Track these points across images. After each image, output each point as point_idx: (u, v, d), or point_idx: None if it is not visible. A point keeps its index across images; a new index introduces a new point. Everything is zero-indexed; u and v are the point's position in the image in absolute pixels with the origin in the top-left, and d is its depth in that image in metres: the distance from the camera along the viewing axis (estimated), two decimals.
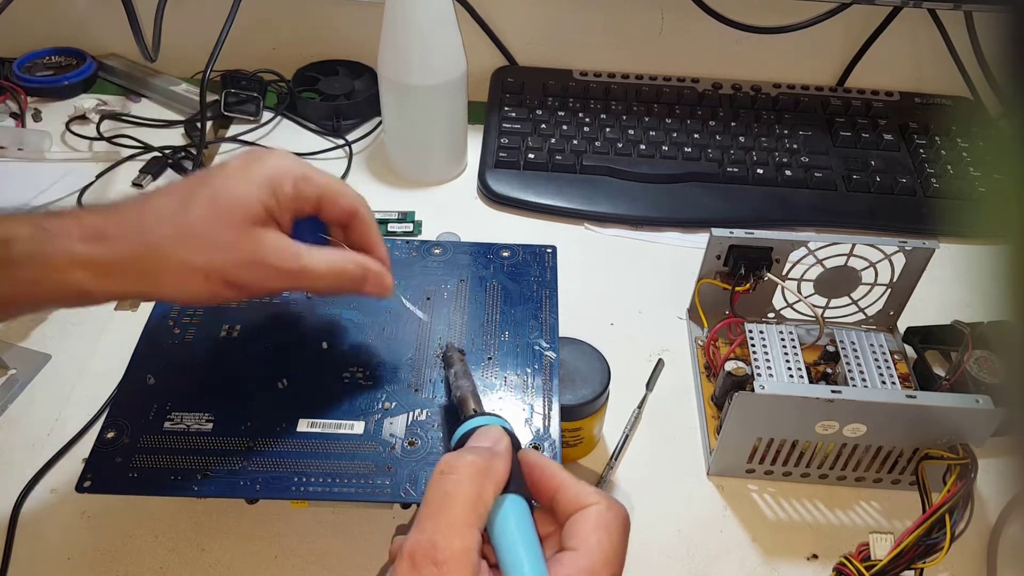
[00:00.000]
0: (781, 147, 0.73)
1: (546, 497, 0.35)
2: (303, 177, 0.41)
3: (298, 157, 0.43)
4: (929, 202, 0.70)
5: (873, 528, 0.50)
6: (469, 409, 0.40)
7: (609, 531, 0.33)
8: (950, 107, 0.79)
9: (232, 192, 0.39)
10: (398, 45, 0.65)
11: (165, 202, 0.39)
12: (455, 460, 0.33)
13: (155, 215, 0.39)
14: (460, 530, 0.31)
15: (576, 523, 0.33)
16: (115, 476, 0.42)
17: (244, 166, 0.41)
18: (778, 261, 0.56)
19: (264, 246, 0.39)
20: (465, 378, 0.42)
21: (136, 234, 0.38)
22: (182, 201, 0.39)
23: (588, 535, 0.33)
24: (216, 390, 0.46)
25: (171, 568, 0.46)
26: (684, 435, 0.54)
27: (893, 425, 0.47)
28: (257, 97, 0.77)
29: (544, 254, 0.54)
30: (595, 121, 0.75)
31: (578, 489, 0.34)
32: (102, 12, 0.81)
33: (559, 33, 0.82)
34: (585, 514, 0.33)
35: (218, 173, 0.40)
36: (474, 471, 0.33)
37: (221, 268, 0.39)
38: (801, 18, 0.79)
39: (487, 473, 0.33)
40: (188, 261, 0.38)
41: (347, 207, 0.43)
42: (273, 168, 0.41)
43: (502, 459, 0.34)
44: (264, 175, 0.40)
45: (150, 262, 0.38)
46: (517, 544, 0.32)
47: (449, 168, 0.73)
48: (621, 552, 0.33)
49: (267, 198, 0.40)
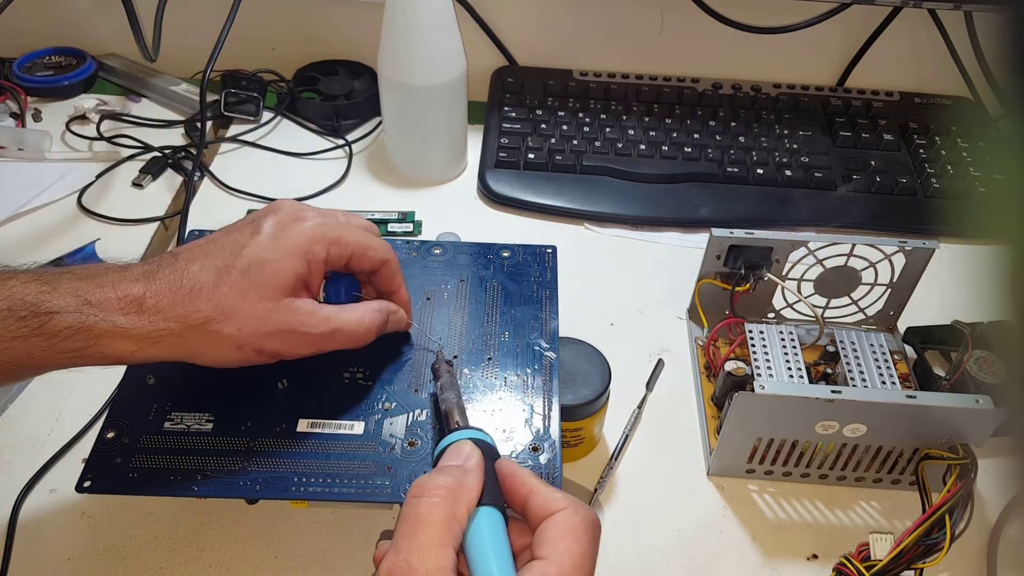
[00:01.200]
0: (781, 147, 0.73)
1: (519, 505, 0.36)
2: (335, 242, 0.43)
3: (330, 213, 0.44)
4: (929, 202, 0.70)
5: (873, 528, 0.50)
6: (452, 423, 0.40)
7: (577, 535, 0.34)
8: (950, 107, 0.79)
9: (265, 266, 0.41)
10: (398, 45, 0.65)
11: (200, 276, 0.40)
12: (426, 482, 0.34)
13: (191, 290, 0.40)
14: (435, 550, 0.32)
15: (545, 530, 0.34)
16: (115, 476, 0.42)
17: (277, 235, 0.42)
18: (778, 261, 0.56)
19: (296, 315, 0.41)
20: (451, 390, 0.42)
21: (174, 309, 0.39)
22: (218, 274, 0.40)
23: (555, 541, 0.33)
24: (216, 390, 0.46)
25: (171, 568, 0.46)
26: (684, 435, 0.54)
27: (893, 425, 0.47)
28: (257, 97, 0.77)
29: (544, 254, 0.54)
30: (595, 121, 0.75)
31: (546, 495, 0.35)
32: (102, 12, 0.81)
33: (559, 33, 0.82)
34: (552, 520, 0.34)
35: (252, 242, 0.41)
36: (445, 492, 0.34)
37: (253, 337, 0.40)
38: (801, 18, 0.79)
39: (458, 492, 0.34)
40: (223, 333, 0.40)
41: (376, 259, 0.45)
42: (307, 237, 0.42)
43: (472, 476, 0.35)
44: (297, 244, 0.42)
45: (188, 336, 0.40)
46: (488, 556, 0.33)
47: (449, 168, 0.73)
48: (591, 555, 0.34)
49: (300, 267, 0.41)
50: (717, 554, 0.48)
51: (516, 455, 0.43)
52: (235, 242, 0.41)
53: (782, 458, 0.50)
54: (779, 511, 0.51)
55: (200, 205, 0.69)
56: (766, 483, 0.52)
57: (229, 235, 0.42)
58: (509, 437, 0.44)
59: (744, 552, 0.49)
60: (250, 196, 0.70)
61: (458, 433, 0.39)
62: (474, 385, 0.46)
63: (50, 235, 0.66)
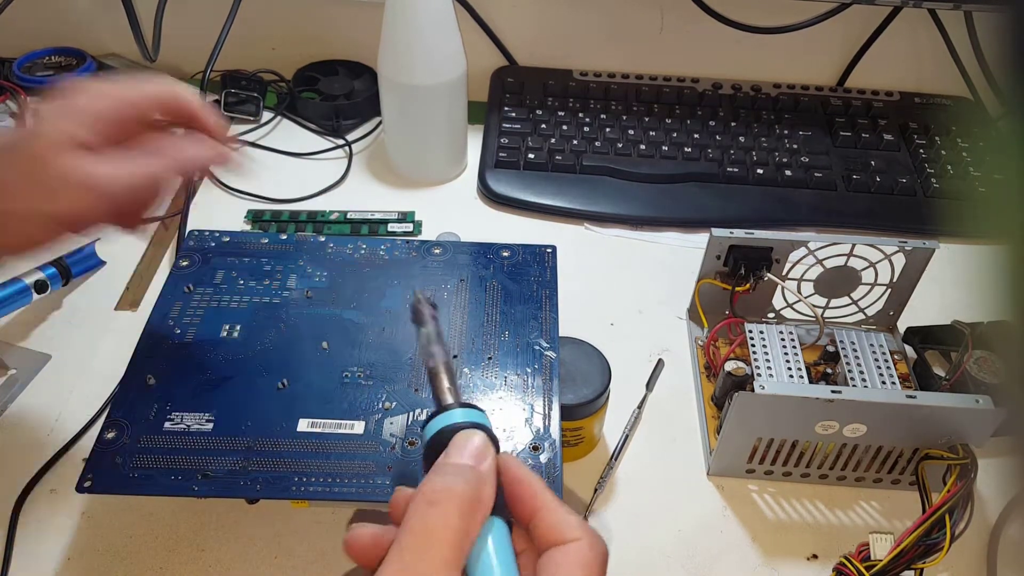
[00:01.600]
0: (781, 147, 0.73)
1: (525, 517, 0.32)
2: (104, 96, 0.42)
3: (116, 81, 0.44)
4: (929, 202, 0.70)
5: (873, 528, 0.50)
6: (444, 394, 0.34)
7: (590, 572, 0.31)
8: (950, 107, 0.79)
9: (38, 138, 0.40)
10: (398, 45, 0.65)
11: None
12: (442, 488, 0.30)
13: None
14: (443, 571, 0.29)
15: (554, 558, 0.31)
16: (115, 476, 0.42)
17: (50, 110, 0.41)
18: (778, 261, 0.56)
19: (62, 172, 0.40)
20: (437, 343, 0.35)
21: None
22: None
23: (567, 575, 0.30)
24: (216, 390, 0.46)
25: (171, 568, 0.46)
26: (684, 435, 0.54)
27: (893, 425, 0.47)
28: (257, 97, 0.77)
29: (544, 254, 0.54)
30: (595, 121, 0.75)
31: (559, 517, 0.32)
32: (102, 12, 0.81)
33: (559, 33, 0.82)
34: (565, 551, 0.31)
35: (32, 124, 0.41)
36: (462, 503, 0.30)
37: (42, 210, 0.40)
38: (801, 18, 0.79)
39: (475, 505, 0.30)
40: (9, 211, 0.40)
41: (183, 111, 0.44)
42: (80, 102, 0.41)
43: (489, 485, 0.31)
44: (67, 112, 0.41)
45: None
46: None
47: (449, 168, 0.73)
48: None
49: (73, 129, 0.41)
50: (717, 554, 0.48)
51: (516, 454, 0.43)
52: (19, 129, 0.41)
53: (782, 458, 0.50)
54: (779, 511, 0.51)
55: (200, 205, 0.69)
56: (766, 483, 0.52)
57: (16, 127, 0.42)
58: (510, 436, 0.44)
59: (744, 552, 0.49)
60: (250, 196, 0.70)
61: (456, 414, 0.33)
62: (474, 385, 0.46)
63: None
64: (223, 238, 0.55)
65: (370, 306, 0.51)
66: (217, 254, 0.54)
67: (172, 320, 0.49)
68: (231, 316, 0.50)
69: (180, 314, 0.50)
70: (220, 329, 0.49)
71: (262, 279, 0.52)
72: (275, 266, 0.53)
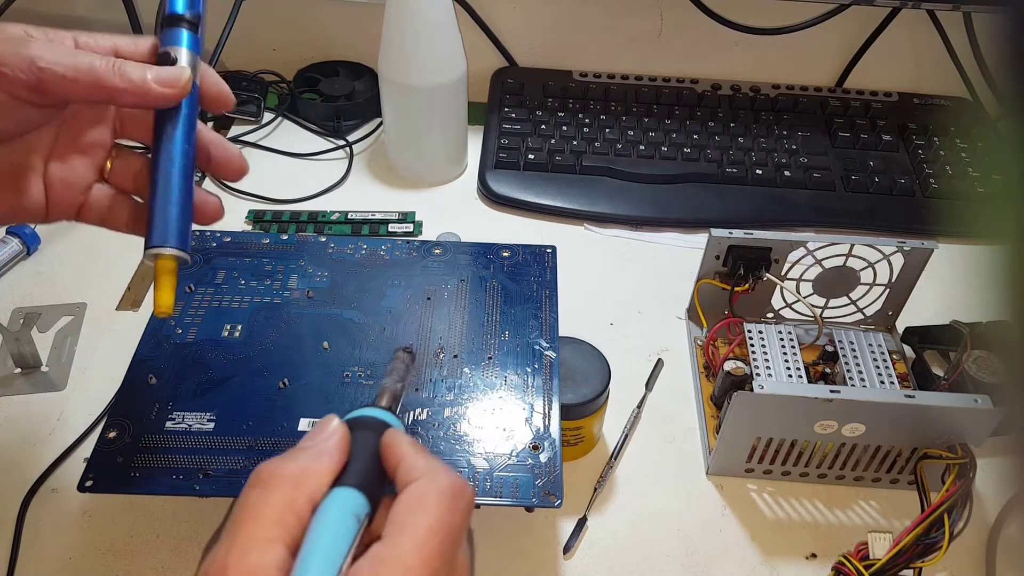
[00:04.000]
0: (780, 148, 0.73)
1: (392, 479, 0.32)
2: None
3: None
4: (928, 202, 0.71)
5: (872, 527, 0.50)
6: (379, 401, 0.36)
7: (425, 508, 0.29)
8: (949, 108, 0.80)
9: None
10: (399, 46, 0.65)
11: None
12: (264, 469, 0.31)
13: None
14: (258, 546, 0.28)
15: (395, 506, 0.30)
16: (117, 476, 0.42)
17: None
18: (777, 261, 0.56)
19: None
20: (390, 376, 0.38)
21: None
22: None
23: (401, 518, 0.29)
24: (217, 390, 0.46)
25: (172, 567, 0.47)
26: (683, 435, 0.54)
27: (892, 425, 0.47)
28: (258, 98, 0.77)
29: (544, 254, 0.54)
30: (595, 122, 0.75)
31: (408, 463, 0.31)
32: (102, 12, 0.81)
33: (559, 34, 0.83)
34: (404, 493, 0.30)
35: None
36: (283, 480, 0.30)
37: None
38: (800, 19, 0.79)
39: (300, 479, 0.30)
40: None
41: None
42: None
43: (326, 457, 0.31)
44: None
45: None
46: (312, 545, 0.29)
47: (449, 168, 0.73)
48: (441, 531, 0.29)
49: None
50: (716, 553, 0.49)
51: (516, 453, 0.43)
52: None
53: (781, 457, 0.50)
54: (778, 510, 0.51)
55: None
56: (765, 482, 0.52)
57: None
58: (509, 436, 0.44)
59: (743, 551, 0.49)
60: (251, 196, 0.70)
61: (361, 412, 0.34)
62: (474, 384, 0.46)
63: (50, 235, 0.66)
64: (224, 238, 0.55)
65: (371, 306, 0.51)
66: (218, 254, 0.54)
67: (173, 320, 0.49)
68: (232, 316, 0.50)
69: (181, 314, 0.50)
70: (221, 329, 0.49)
71: (263, 279, 0.52)
72: (276, 266, 0.53)
